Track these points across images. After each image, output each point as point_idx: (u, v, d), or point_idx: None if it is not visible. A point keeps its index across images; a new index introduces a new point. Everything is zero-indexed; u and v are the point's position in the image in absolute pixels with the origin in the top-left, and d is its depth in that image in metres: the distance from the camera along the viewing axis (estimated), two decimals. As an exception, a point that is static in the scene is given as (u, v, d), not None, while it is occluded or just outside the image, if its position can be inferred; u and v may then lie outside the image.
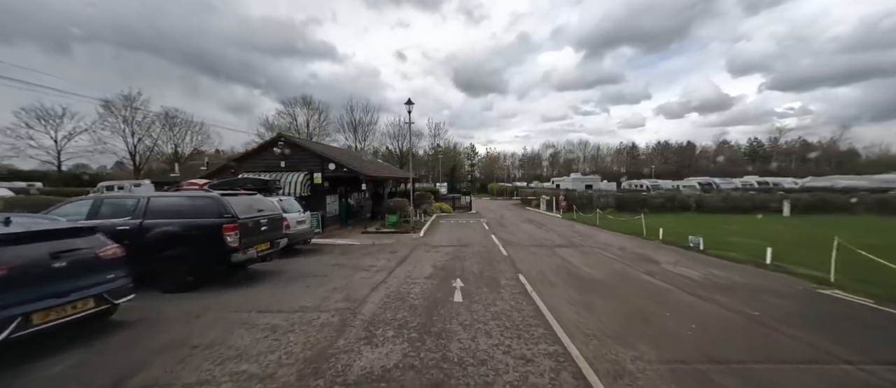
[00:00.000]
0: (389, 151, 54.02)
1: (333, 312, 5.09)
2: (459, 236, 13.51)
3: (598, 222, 17.01)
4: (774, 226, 16.31)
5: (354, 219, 18.25)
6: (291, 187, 13.68)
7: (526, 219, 20.57)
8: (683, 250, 10.11)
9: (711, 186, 36.67)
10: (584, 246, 11.15)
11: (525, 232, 14.81)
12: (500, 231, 15.02)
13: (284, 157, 14.62)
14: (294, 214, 9.82)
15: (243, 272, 7.45)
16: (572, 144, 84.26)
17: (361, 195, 19.83)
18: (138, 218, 6.22)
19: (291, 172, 14.23)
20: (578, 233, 14.34)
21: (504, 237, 13.17)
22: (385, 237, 13.41)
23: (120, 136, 42.62)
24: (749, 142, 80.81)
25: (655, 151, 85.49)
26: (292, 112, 47.17)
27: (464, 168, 71.93)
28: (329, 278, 7.14)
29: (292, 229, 9.53)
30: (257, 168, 14.65)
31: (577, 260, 8.91)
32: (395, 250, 10.45)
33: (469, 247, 11.00)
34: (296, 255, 9.73)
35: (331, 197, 15.83)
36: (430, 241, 12.45)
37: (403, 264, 8.54)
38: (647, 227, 14.01)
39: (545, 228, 16.28)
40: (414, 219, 17.48)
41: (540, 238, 12.99)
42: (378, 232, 14.45)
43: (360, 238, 13.21)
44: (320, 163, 14.67)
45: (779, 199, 25.08)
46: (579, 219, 19.43)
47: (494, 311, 5.10)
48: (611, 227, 15.61)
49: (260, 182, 9.95)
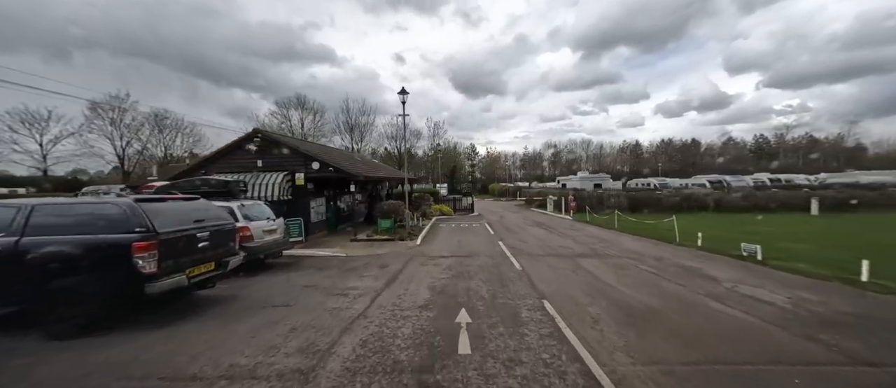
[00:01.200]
0: (388, 152, 52.26)
1: (276, 379, 3.32)
2: (462, 244, 11.74)
3: (616, 225, 15.24)
4: (811, 226, 14.55)
5: (346, 224, 16.47)
6: (267, 190, 11.91)
7: (533, 222, 18.80)
8: (735, 262, 8.33)
9: (722, 183, 35.10)
10: (610, 255, 9.38)
11: (536, 238, 13.04)
12: (508, 237, 13.25)
13: (261, 155, 12.86)
14: (261, 222, 8.06)
15: (184, 299, 5.69)
16: (575, 142, 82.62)
17: (352, 198, 18.07)
18: (15, 235, 4.45)
19: (269, 173, 12.47)
20: (597, 238, 12.56)
21: (513, 245, 11.39)
22: (376, 246, 11.64)
23: (107, 138, 41.00)
24: (755, 139, 79.22)
25: (659, 149, 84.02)
26: (286, 113, 45.48)
27: (464, 169, 70.18)
28: (291, 310, 5.36)
29: (258, 240, 7.77)
30: (230, 169, 12.89)
31: (610, 276, 7.14)
32: (385, 264, 8.68)
33: (474, 258, 9.23)
34: (263, 272, 7.96)
35: (316, 200, 14.06)
36: (429, 250, 10.68)
37: (393, 284, 6.77)
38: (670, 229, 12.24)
39: (557, 232, 14.50)
40: (411, 223, 15.71)
41: (555, 246, 11.22)
42: (369, 240, 12.68)
43: (348, 248, 11.44)
44: (303, 162, 12.91)
45: (804, 197, 23.34)
46: (593, 221, 17.65)
47: (522, 375, 3.33)
48: (632, 230, 13.83)
49: (219, 184, 8.19)
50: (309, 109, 46.34)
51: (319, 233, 14.07)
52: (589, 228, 15.83)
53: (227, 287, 6.54)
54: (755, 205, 23.09)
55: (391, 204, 14.68)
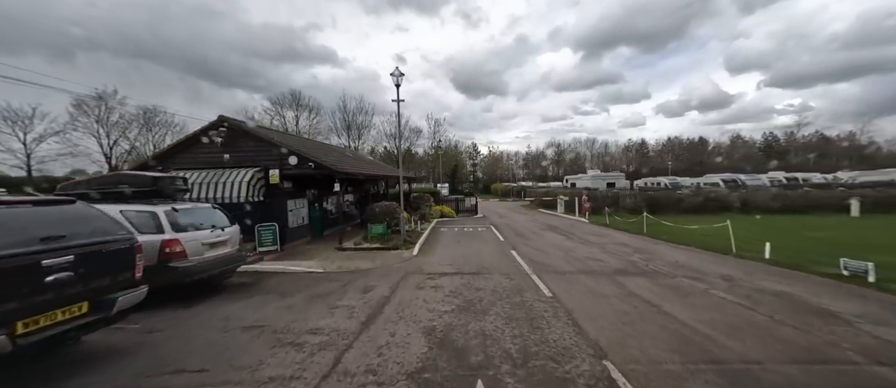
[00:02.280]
0: (387, 151, 50.08)
1: None
2: (468, 255, 9.67)
3: (645, 230, 13.15)
4: (874, 231, 12.43)
5: (335, 229, 14.43)
6: (232, 190, 9.87)
7: (546, 225, 16.72)
8: (836, 284, 6.23)
9: (737, 182, 33.14)
10: (660, 273, 7.30)
11: (555, 246, 10.96)
12: (522, 245, 11.18)
13: (228, 148, 10.81)
14: (202, 233, 6.00)
15: (50, 356, 3.64)
16: (579, 141, 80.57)
17: (341, 199, 16.01)
18: None
19: (236, 170, 10.43)
20: (630, 247, 10.48)
21: (531, 256, 9.33)
22: (364, 257, 9.58)
23: (94, 137, 39.12)
24: (764, 137, 77.25)
25: (665, 147, 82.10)
26: (281, 111, 43.40)
27: (466, 168, 68.11)
28: (202, 383, 3.31)
29: (195, 257, 5.72)
30: (192, 165, 10.85)
31: (680, 309, 5.07)
32: (369, 286, 6.62)
33: (485, 277, 7.17)
34: (201, 300, 5.90)
35: (296, 202, 12.01)
36: (427, 263, 8.62)
37: (374, 323, 4.72)
38: (713, 235, 10.18)
39: (578, 239, 12.42)
40: (407, 228, 13.65)
41: (582, 257, 9.14)
42: (357, 249, 10.63)
43: (330, 260, 9.38)
44: (278, 157, 10.86)
45: (839, 196, 21.23)
46: (614, 225, 15.57)
47: None
48: (666, 237, 11.75)
49: (143, 181, 6.14)
50: (304, 106, 44.32)
51: (300, 240, 12.02)
52: (612, 233, 13.74)
53: (124, 335, 4.48)
54: (785, 205, 21.03)
55: (384, 206, 12.62)
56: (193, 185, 10.00)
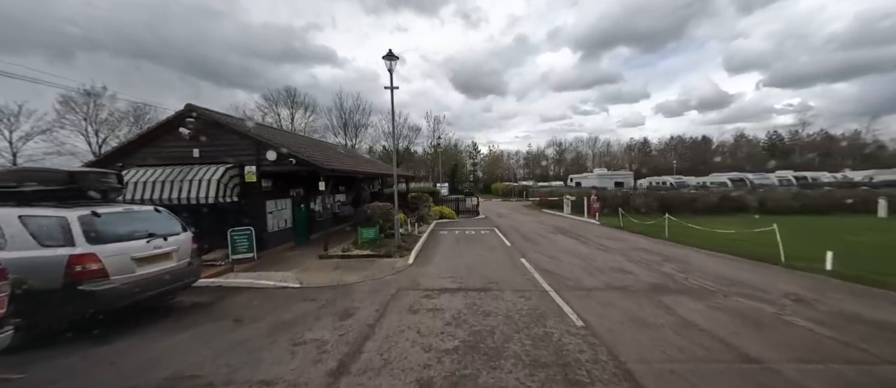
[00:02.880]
0: (386, 150, 48.59)
1: None
2: (472, 265, 8.35)
3: (666, 234, 11.84)
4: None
5: (324, 232, 13.12)
6: (199, 189, 8.54)
7: (554, 227, 15.41)
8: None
9: (745, 182, 31.99)
10: (709, 291, 5.99)
11: (570, 252, 9.65)
12: (532, 251, 9.87)
13: (198, 142, 9.48)
14: (134, 244, 4.67)
15: None
16: (581, 140, 79.35)
17: (330, 199, 14.68)
18: None
19: (206, 166, 9.10)
20: (657, 255, 9.17)
21: (544, 265, 8.02)
22: (352, 267, 8.25)
23: (82, 134, 37.80)
24: (768, 136, 76.25)
25: (668, 146, 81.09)
26: (275, 108, 41.96)
27: (466, 168, 66.76)
28: None
29: (120, 276, 4.40)
30: (157, 160, 9.52)
31: (770, 352, 3.77)
32: (351, 309, 5.31)
33: (494, 296, 5.85)
34: (131, 330, 4.58)
35: (277, 202, 10.68)
36: (424, 276, 7.30)
37: (348, 372, 3.40)
38: (755, 241, 8.88)
39: (594, 243, 11.11)
40: (404, 231, 12.34)
41: (605, 267, 7.83)
42: (345, 256, 9.30)
43: (311, 269, 8.06)
44: (255, 151, 9.54)
45: (862, 196, 19.97)
46: (629, 227, 14.26)
47: None
48: (694, 242, 10.45)
49: (54, 177, 4.79)
50: (300, 103, 42.91)
51: (283, 246, 10.69)
52: (629, 236, 12.43)
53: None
54: (805, 205, 19.76)
55: (377, 207, 11.29)
56: (155, 183, 8.68)
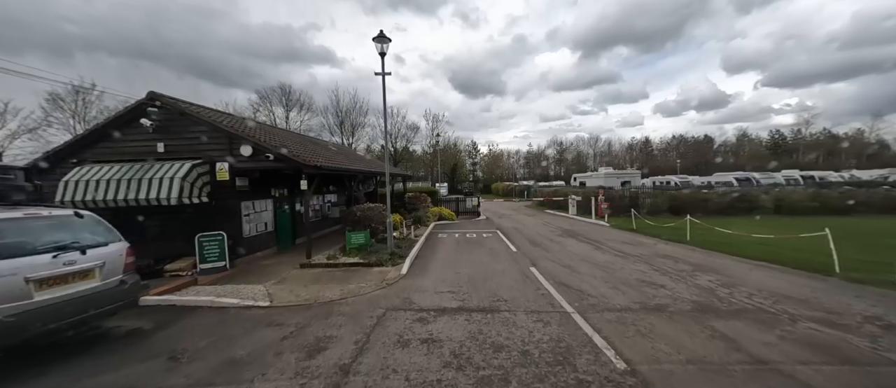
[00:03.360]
0: (383, 149, 47.48)
1: None
2: (475, 276, 7.21)
3: (688, 237, 10.71)
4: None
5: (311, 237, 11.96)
6: (160, 190, 7.38)
7: (561, 230, 14.27)
8: None
9: (750, 181, 30.99)
10: (769, 314, 4.86)
11: (585, 259, 8.51)
12: (543, 258, 8.73)
13: (163, 134, 8.33)
14: (36, 260, 3.52)
15: None
16: (582, 139, 78.41)
17: (321, 200, 13.52)
18: None
19: (170, 163, 7.95)
20: (684, 263, 8.04)
21: (560, 276, 6.88)
22: (335, 279, 7.11)
23: (69, 133, 36.59)
24: (770, 135, 75.50)
25: (670, 145, 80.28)
26: (269, 106, 40.69)
27: (465, 167, 65.61)
28: None
29: (11, 306, 3.24)
30: (114, 157, 8.37)
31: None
32: (324, 340, 4.17)
33: (504, 319, 4.71)
34: (29, 372, 3.44)
35: (256, 203, 9.53)
36: (419, 290, 6.16)
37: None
38: (793, 246, 7.78)
39: (610, 249, 9.97)
40: (398, 235, 11.20)
41: (630, 278, 6.70)
42: (329, 265, 8.16)
43: (288, 282, 6.92)
44: (228, 145, 8.39)
45: (883, 196, 18.91)
46: (643, 229, 13.12)
47: None
48: (723, 247, 9.34)
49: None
50: (295, 101, 41.66)
51: (263, 251, 9.54)
52: (646, 240, 11.28)
53: None
54: (823, 204, 18.69)
55: (368, 209, 10.13)
56: (109, 183, 7.53)
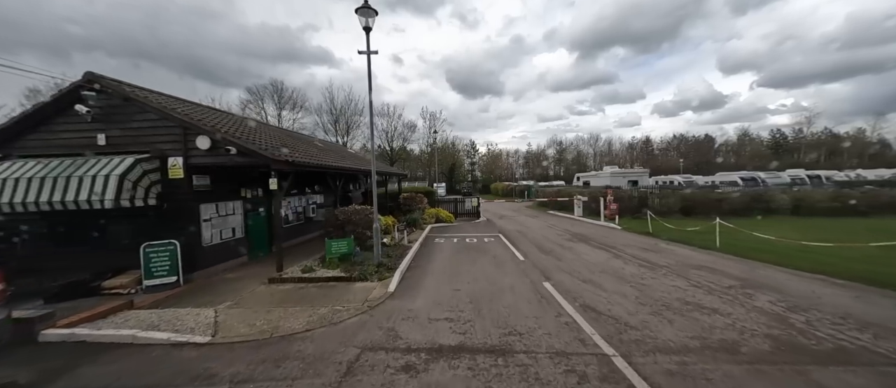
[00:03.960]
0: (380, 148, 45.78)
1: None
2: (477, 294, 5.87)
3: (717, 244, 9.42)
4: None
5: (292, 242, 10.60)
6: (92, 190, 6.01)
7: (570, 233, 12.95)
8: None
9: (756, 180, 29.90)
10: (885, 356, 3.56)
11: (606, 271, 7.20)
12: (557, 270, 7.40)
13: (103, 123, 6.95)
14: None
15: None
16: (582, 139, 77.38)
17: (304, 202, 12.12)
18: None
19: (107, 157, 6.58)
20: (725, 276, 6.74)
21: (582, 296, 5.56)
22: (306, 299, 5.75)
23: (50, 132, 34.80)
24: (771, 134, 74.91)
25: (670, 145, 79.51)
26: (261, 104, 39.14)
27: (463, 167, 64.28)
28: None
29: None
30: (43, 150, 6.98)
31: None
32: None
33: (521, 367, 3.38)
34: None
35: (221, 206, 8.14)
36: (408, 318, 4.81)
37: None
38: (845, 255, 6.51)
39: (630, 257, 8.67)
40: (390, 240, 9.85)
41: (670, 300, 5.38)
42: (303, 279, 6.81)
43: (247, 304, 5.55)
44: (181, 137, 7.01)
45: (911, 196, 17.72)
46: (660, 232, 11.82)
47: None
48: (761, 255, 8.05)
49: None
50: (288, 98, 40.15)
51: (229, 262, 8.16)
52: (670, 247, 9.97)
53: None
54: (846, 205, 17.47)
55: (352, 212, 8.76)
56: (31, 182, 6.15)
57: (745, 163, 60.64)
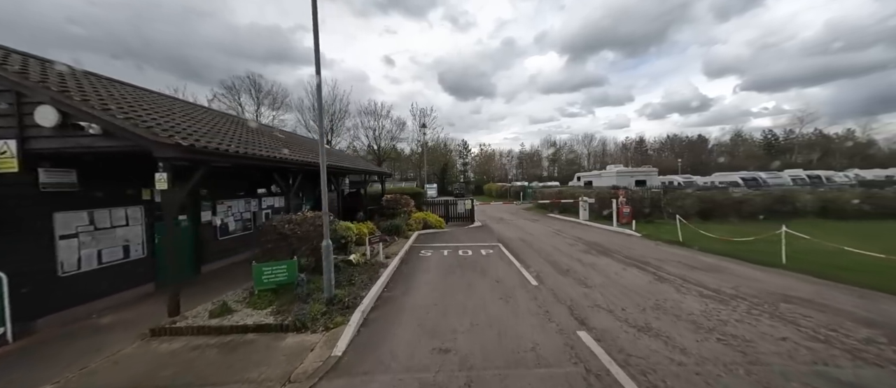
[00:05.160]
0: (369, 147, 42.81)
1: None
2: (480, 362, 3.50)
3: (783, 259, 7.26)
4: None
5: (233, 259, 8.12)
6: None
7: (584, 243, 10.70)
8: None
9: (756, 181, 28.46)
10: None
11: (662, 308, 4.93)
12: (594, 309, 5.09)
13: None
14: None
15: None
16: (576, 139, 75.98)
17: (254, 205, 9.59)
18: None
19: None
20: (843, 315, 4.54)
21: (663, 373, 3.28)
22: (189, 376, 3.35)
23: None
24: (763, 135, 74.97)
25: (664, 145, 78.89)
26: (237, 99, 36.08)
27: (456, 168, 61.95)
28: None
29: None
30: None
31: None
32: None
33: None
34: None
35: (99, 215, 5.64)
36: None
37: None
38: None
39: (677, 280, 6.41)
40: (358, 258, 7.42)
41: (797, 374, 3.14)
42: (207, 328, 4.37)
43: (92, 383, 3.13)
44: (14, 110, 4.54)
45: (944, 196, 16.03)
46: (693, 242, 9.65)
47: None
48: (860, 277, 5.91)
49: None
50: (266, 93, 37.19)
51: (111, 297, 5.64)
52: (722, 263, 7.75)
53: None
54: (879, 208, 15.67)
55: (301, 222, 6.28)
56: None
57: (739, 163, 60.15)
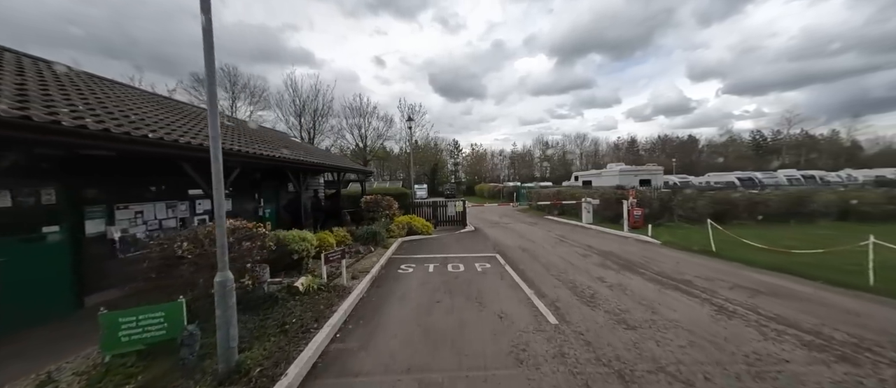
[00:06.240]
0: (359, 147, 40.37)
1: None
2: None
3: (871, 280, 5.52)
4: None
5: (130, 286, 5.99)
6: None
7: (597, 253, 8.86)
8: None
9: (754, 181, 27.55)
10: None
11: (753, 372, 3.11)
12: (654, 377, 3.24)
13: None
14: None
15: None
16: (568, 138, 74.96)
17: (183, 208, 7.46)
18: None
19: None
20: None
21: None
22: None
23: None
24: (751, 136, 75.63)
25: (655, 145, 78.73)
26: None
27: (446, 168, 60.03)
28: None
29: None
30: None
31: None
32: None
33: None
34: None
35: None
36: None
37: None
38: None
39: (751, 316, 4.59)
40: (308, 282, 5.38)
41: None
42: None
43: None
44: None
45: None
46: (728, 253, 7.91)
47: None
48: None
49: None
50: (242, 87, 34.60)
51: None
52: (768, 279, 6.00)
53: None
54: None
55: (193, 239, 4.18)
56: None
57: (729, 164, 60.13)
